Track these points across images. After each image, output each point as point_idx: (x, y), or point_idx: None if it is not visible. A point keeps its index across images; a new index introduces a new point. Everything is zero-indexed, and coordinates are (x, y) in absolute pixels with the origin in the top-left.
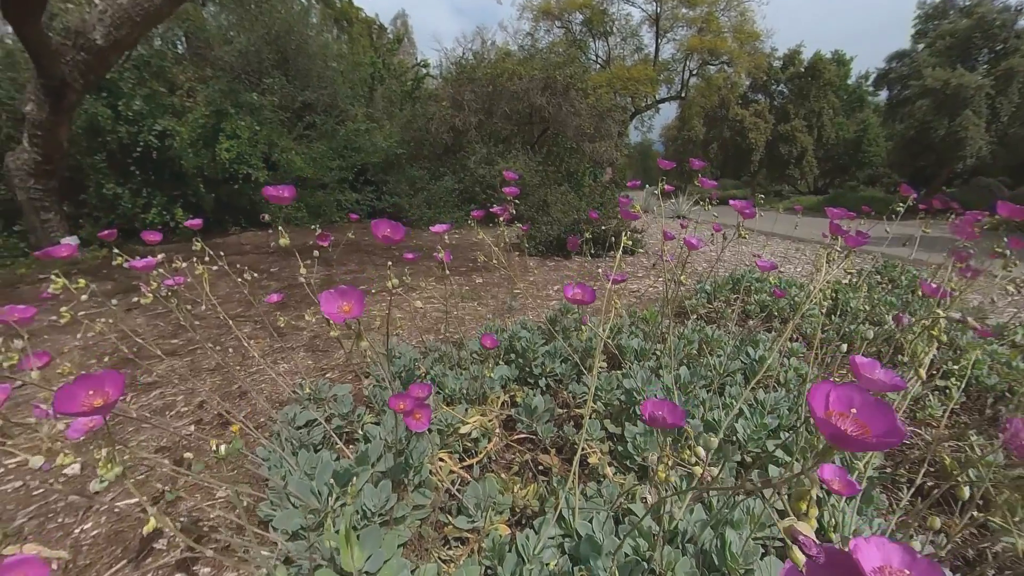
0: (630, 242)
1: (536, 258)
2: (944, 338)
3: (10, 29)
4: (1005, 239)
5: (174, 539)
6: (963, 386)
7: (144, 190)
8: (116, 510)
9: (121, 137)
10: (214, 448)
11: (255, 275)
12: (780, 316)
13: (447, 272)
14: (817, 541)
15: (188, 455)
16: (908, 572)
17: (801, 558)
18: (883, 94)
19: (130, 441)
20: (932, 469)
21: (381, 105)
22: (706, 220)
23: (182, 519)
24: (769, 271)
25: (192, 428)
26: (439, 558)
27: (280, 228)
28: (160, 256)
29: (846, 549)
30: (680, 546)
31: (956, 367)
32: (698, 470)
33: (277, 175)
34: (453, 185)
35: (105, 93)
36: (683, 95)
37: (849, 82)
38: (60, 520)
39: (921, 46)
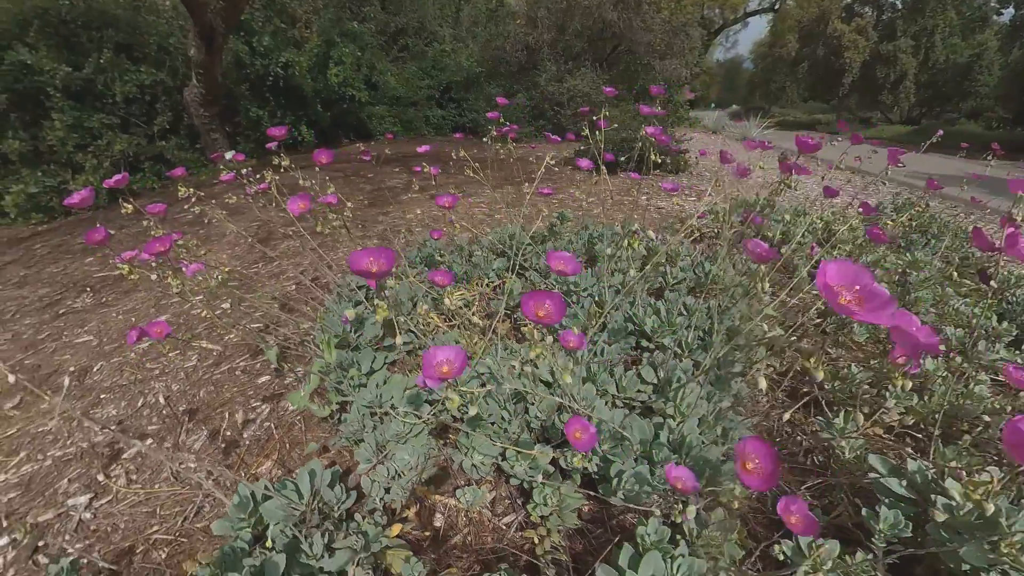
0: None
1: (585, 172)
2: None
3: None
4: None
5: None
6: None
7: (277, 112)
8: (247, 329)
9: (257, 69)
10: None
11: (354, 178)
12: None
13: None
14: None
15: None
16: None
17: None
18: (1008, 12)
19: (256, 293)
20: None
21: (466, 26)
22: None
23: (274, 345)
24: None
25: (293, 287)
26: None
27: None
28: (286, 162)
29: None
30: None
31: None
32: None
33: (376, 95)
34: (525, 102)
35: (242, 33)
36: (776, 7)
37: None
38: (218, 332)
39: None
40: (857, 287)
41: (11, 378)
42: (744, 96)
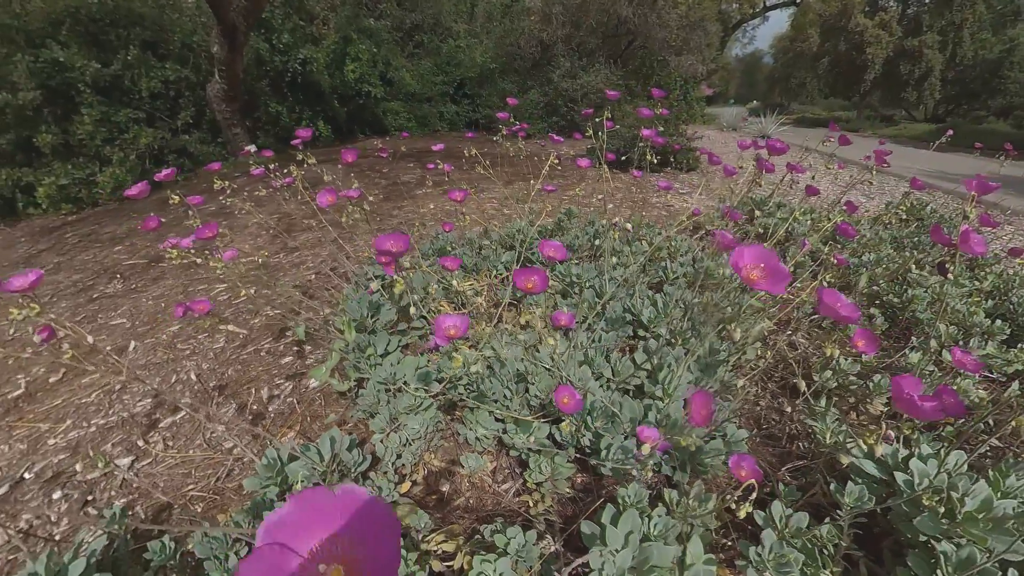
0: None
1: (596, 170)
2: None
3: None
4: None
5: (296, 331)
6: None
7: (296, 107)
8: (268, 314)
9: (276, 66)
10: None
11: (370, 173)
12: (774, 237)
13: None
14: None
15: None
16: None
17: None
18: None
19: (279, 281)
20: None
21: (480, 21)
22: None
23: (302, 323)
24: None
25: (313, 277)
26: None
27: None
28: (312, 160)
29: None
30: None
31: (898, 300)
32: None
33: (391, 91)
34: (539, 98)
35: (263, 30)
36: (797, 1)
37: None
38: (244, 316)
39: None
40: (763, 265)
41: (90, 339)
42: (763, 92)
